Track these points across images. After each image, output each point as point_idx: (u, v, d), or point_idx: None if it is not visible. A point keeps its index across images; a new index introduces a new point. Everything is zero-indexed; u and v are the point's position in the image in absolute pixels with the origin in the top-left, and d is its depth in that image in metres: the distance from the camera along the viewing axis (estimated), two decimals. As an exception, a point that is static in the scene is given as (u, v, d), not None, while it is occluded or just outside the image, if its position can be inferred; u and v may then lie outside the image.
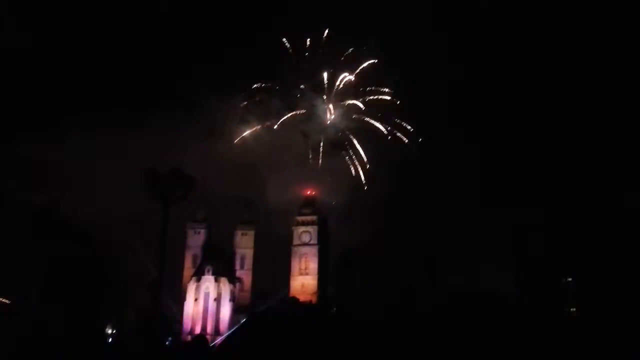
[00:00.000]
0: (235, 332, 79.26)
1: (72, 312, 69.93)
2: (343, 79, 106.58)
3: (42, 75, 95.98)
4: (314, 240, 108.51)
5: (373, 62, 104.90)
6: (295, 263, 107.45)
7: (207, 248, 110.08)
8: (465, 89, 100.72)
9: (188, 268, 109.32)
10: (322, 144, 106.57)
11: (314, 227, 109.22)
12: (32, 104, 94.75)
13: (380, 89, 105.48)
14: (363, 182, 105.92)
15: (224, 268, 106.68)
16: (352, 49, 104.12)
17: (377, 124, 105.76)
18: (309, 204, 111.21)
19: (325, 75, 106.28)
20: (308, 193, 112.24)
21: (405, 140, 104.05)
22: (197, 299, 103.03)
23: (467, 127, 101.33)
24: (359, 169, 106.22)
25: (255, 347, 57.49)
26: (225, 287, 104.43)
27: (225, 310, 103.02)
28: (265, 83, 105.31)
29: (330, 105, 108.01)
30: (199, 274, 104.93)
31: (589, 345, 53.30)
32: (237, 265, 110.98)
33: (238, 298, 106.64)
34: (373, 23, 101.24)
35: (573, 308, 75.17)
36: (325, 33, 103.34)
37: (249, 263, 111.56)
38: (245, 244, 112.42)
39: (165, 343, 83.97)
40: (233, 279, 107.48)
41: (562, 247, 78.44)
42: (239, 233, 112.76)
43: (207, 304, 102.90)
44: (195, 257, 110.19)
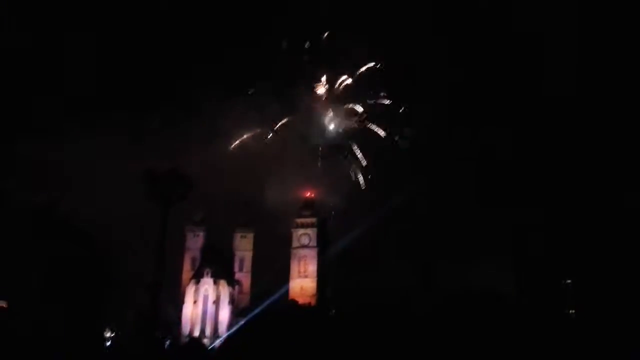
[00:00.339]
0: (234, 334, 79.27)
1: (71, 312, 69.64)
2: (342, 82, 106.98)
3: (41, 76, 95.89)
4: (313, 243, 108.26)
5: (372, 65, 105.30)
6: (295, 265, 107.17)
7: (206, 250, 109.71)
8: (465, 90, 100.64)
9: (187, 270, 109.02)
10: (320, 147, 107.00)
11: (313, 229, 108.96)
12: (32, 104, 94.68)
13: (380, 93, 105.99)
14: (361, 184, 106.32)
15: (223, 270, 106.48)
16: (351, 52, 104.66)
17: (375, 128, 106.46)
18: (308, 206, 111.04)
19: (325, 78, 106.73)
20: (307, 195, 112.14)
21: (397, 138, 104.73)
22: (196, 302, 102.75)
23: (467, 126, 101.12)
24: (358, 172, 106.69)
25: (255, 350, 57.45)
26: (224, 289, 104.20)
27: (224, 313, 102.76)
28: (265, 85, 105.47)
29: (330, 108, 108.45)
30: (198, 277, 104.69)
31: (589, 346, 53.26)
32: (236, 268, 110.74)
33: (237, 300, 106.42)
34: (373, 25, 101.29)
35: (572, 310, 75.04)
36: (325, 36, 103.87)
37: (248, 265, 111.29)
38: (245, 247, 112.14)
39: (164, 345, 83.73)
40: (232, 282, 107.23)
41: (562, 247, 78.39)
42: (238, 235, 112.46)
43: (206, 307, 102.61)
44: (194, 259, 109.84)
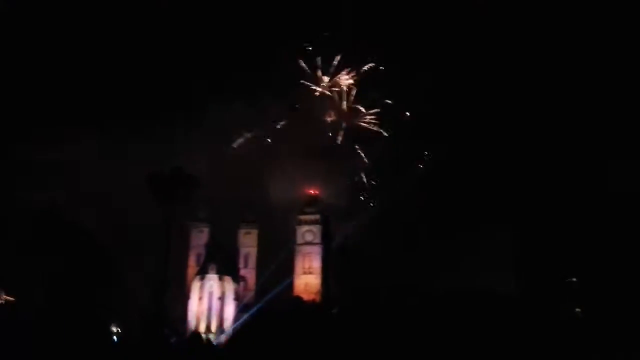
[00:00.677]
0: (240, 331, 79.84)
1: (76, 311, 70.25)
2: (346, 82, 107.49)
3: (42, 76, 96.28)
4: (317, 239, 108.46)
5: (376, 66, 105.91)
6: (299, 262, 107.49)
7: (210, 247, 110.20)
8: (464, 90, 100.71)
9: (192, 267, 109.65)
10: (324, 145, 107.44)
11: (317, 226, 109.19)
12: (32, 105, 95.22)
13: (383, 95, 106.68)
14: (365, 183, 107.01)
15: (228, 267, 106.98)
16: (355, 54, 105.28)
17: (378, 129, 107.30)
18: (312, 203, 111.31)
19: (328, 78, 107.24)
20: (311, 192, 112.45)
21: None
22: (201, 298, 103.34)
23: (466, 127, 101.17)
24: (361, 171, 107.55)
25: (260, 346, 57.90)
26: (229, 285, 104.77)
27: (230, 309, 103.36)
28: (268, 85, 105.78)
29: (333, 108, 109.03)
30: (203, 273, 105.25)
31: (597, 344, 53.44)
32: (240, 264, 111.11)
33: (242, 297, 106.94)
34: (373, 27, 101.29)
35: (578, 308, 75.13)
36: (328, 36, 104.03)
37: (253, 262, 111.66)
38: (249, 243, 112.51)
39: (170, 342, 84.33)
40: (237, 278, 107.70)
41: (562, 246, 78.42)
42: (242, 232, 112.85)
43: (211, 303, 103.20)
44: (199, 256, 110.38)
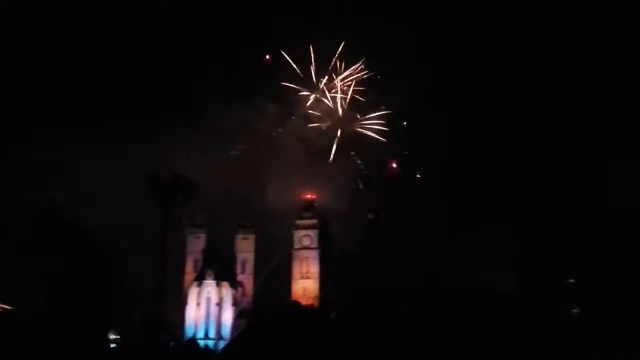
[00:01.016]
0: (238, 337, 79.51)
1: (74, 315, 69.98)
2: (343, 87, 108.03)
3: (41, 76, 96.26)
4: (315, 244, 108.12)
5: (373, 73, 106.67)
6: (297, 267, 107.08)
7: (207, 253, 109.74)
8: (464, 90, 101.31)
9: (189, 273, 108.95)
10: (321, 150, 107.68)
11: (315, 230, 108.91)
12: (32, 105, 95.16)
13: (380, 101, 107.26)
14: (361, 187, 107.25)
15: (225, 272, 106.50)
16: (352, 58, 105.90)
17: (374, 134, 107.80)
18: (309, 208, 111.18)
19: (325, 82, 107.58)
20: (308, 197, 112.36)
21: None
22: (198, 304, 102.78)
23: (467, 127, 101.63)
24: (358, 175, 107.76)
25: (258, 352, 57.73)
26: (227, 291, 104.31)
27: (227, 315, 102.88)
28: (265, 88, 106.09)
29: (330, 112, 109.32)
30: (200, 279, 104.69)
31: (595, 344, 53.47)
32: (238, 270, 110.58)
33: (239, 302, 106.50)
34: (374, 30, 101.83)
35: (575, 309, 75.26)
36: (327, 41, 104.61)
37: (250, 267, 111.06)
38: (246, 248, 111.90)
39: (169, 348, 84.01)
40: (234, 284, 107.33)
41: (562, 247, 78.58)
42: (240, 237, 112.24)
43: (208, 309, 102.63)
44: (197, 261, 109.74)
